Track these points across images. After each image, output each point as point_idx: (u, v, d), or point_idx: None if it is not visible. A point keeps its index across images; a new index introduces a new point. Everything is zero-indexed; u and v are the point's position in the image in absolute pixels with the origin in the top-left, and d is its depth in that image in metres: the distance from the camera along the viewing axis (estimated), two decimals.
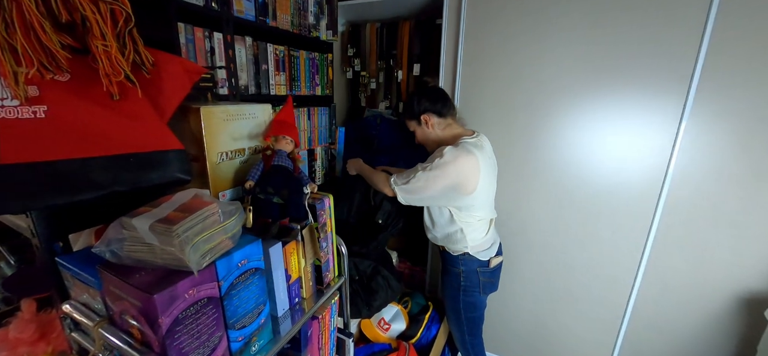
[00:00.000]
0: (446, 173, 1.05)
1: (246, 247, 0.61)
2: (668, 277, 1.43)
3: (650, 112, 1.29)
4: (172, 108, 0.64)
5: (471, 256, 1.23)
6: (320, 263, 0.88)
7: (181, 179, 0.62)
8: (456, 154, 1.06)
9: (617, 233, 1.46)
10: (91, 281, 0.57)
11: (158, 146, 0.59)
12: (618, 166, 1.39)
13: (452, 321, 1.43)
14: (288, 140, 0.83)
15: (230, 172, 0.78)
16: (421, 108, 1.20)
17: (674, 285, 1.43)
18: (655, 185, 1.35)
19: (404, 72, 2.15)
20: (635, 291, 1.49)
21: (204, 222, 0.52)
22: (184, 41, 1.11)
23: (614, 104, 1.33)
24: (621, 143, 1.36)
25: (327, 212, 0.86)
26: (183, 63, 0.64)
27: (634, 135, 1.34)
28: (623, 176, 1.39)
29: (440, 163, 1.05)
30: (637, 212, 1.40)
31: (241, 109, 0.77)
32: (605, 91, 1.33)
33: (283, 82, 1.55)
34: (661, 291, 1.46)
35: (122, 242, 0.52)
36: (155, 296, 0.47)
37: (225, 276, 0.58)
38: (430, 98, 1.20)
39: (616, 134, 1.36)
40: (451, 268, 1.29)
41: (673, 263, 1.41)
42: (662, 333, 1.51)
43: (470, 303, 1.32)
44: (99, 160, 0.53)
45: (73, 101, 0.52)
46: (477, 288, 1.28)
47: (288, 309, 0.82)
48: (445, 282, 1.35)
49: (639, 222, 1.41)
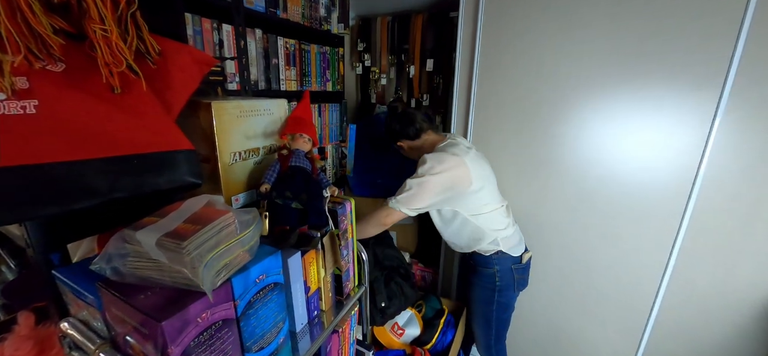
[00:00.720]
0: (435, 175, 1.10)
1: (264, 260, 0.54)
2: (696, 284, 1.35)
3: (681, 108, 1.21)
4: (181, 103, 0.57)
5: (504, 253, 1.22)
6: (340, 272, 0.81)
7: (192, 184, 0.55)
8: (436, 158, 1.12)
9: (642, 237, 1.38)
10: (91, 299, 0.50)
11: (165, 146, 0.52)
12: (644, 165, 1.31)
13: (481, 324, 1.38)
14: (306, 139, 0.76)
15: (244, 174, 0.71)
16: (394, 137, 1.30)
17: (702, 293, 1.35)
18: (685, 187, 1.27)
19: (416, 67, 2.07)
20: (660, 297, 1.42)
21: (218, 235, 0.45)
22: (192, 33, 1.04)
23: (641, 99, 1.25)
24: (648, 142, 1.28)
25: (348, 218, 0.78)
26: (193, 53, 0.57)
27: (662, 133, 1.25)
28: (650, 176, 1.31)
29: (425, 168, 1.11)
30: (664, 215, 1.32)
31: (254, 104, 0.70)
32: (631, 85, 1.25)
33: (294, 78, 1.48)
34: (687, 298, 1.38)
35: (125, 257, 0.45)
36: (163, 323, 0.40)
37: (242, 294, 0.51)
38: (400, 125, 1.27)
39: (643, 131, 1.28)
40: (484, 269, 1.26)
41: (702, 270, 1.33)
42: (687, 342, 1.43)
43: (504, 303, 1.30)
44: (97, 162, 0.46)
45: (67, 94, 0.45)
46: (512, 286, 1.27)
47: (306, 323, 0.75)
48: (476, 284, 1.31)
49: (666, 226, 1.33)
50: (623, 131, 1.31)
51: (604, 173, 1.38)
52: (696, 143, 1.21)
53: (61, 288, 0.56)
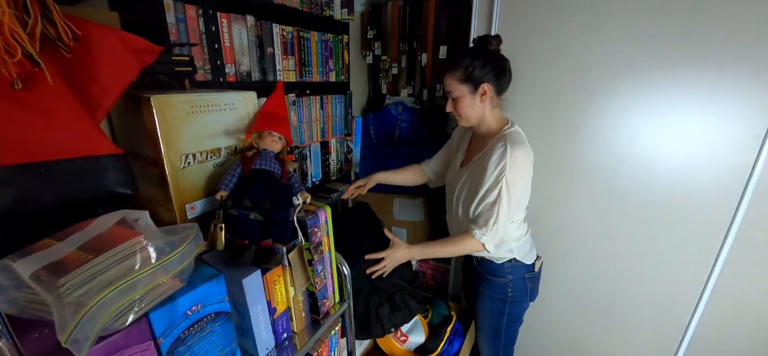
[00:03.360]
0: (520, 176, 0.92)
1: (199, 288, 0.46)
2: (742, 300, 1.16)
3: (735, 96, 0.99)
4: (111, 99, 0.48)
5: (518, 262, 1.10)
6: (315, 289, 0.71)
7: (120, 194, 0.47)
8: (523, 152, 0.93)
9: (680, 246, 1.20)
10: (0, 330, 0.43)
11: (83, 151, 0.44)
12: (685, 164, 1.11)
13: (488, 337, 1.26)
14: (276, 138, 0.66)
15: (201, 178, 0.62)
16: (484, 75, 0.95)
17: (749, 310, 1.16)
18: (735, 189, 1.07)
19: (429, 55, 1.92)
20: (698, 314, 1.24)
21: (117, 268, 0.36)
22: (174, 21, 0.96)
23: (685, 85, 1.04)
24: (691, 136, 1.08)
25: (322, 229, 0.68)
26: (125, 39, 0.48)
27: (709, 125, 1.05)
28: (692, 176, 1.12)
29: (515, 168, 0.90)
30: (708, 222, 1.13)
31: (212, 98, 0.61)
32: (673, 70, 1.04)
33: (292, 68, 1.38)
34: (731, 315, 1.19)
35: (20, 289, 0.37)
36: None
37: (166, 331, 0.43)
38: (498, 67, 0.96)
39: (685, 123, 1.07)
40: (495, 279, 1.13)
41: (751, 285, 1.13)
42: (734, 348, 1.24)
43: (515, 315, 1.19)
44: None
45: None
46: (524, 296, 1.16)
47: (274, 347, 0.66)
48: (485, 294, 1.18)
49: (710, 234, 1.14)
50: (660, 124, 1.11)
51: (637, 174, 1.20)
52: (752, 137, 1.01)
53: None
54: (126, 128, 0.60)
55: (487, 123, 1.03)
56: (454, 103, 1.01)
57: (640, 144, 1.16)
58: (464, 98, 0.98)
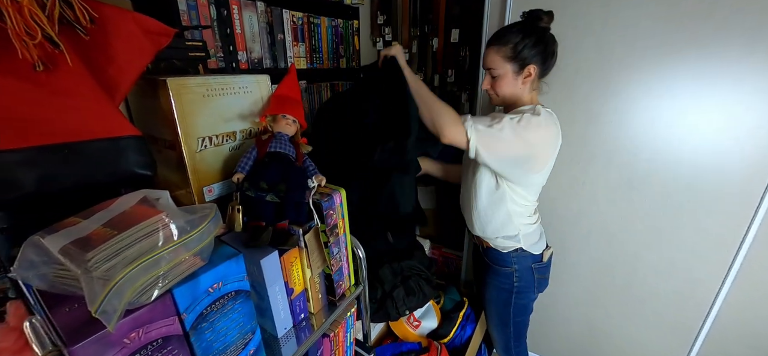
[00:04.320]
0: (535, 134, 0.87)
1: (220, 267, 0.46)
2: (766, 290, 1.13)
3: (761, 77, 0.94)
4: (129, 81, 0.49)
5: (525, 251, 1.06)
6: (331, 271, 0.72)
7: (140, 175, 0.48)
8: (549, 118, 0.90)
9: (703, 230, 1.17)
10: (33, 305, 0.45)
11: (103, 133, 0.44)
12: (710, 147, 1.07)
13: (497, 326, 1.25)
14: (290, 121, 0.66)
15: (218, 161, 0.63)
16: (532, 56, 0.88)
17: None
18: (762, 171, 1.02)
19: (440, 39, 1.88)
20: (721, 298, 1.21)
21: (142, 244, 0.37)
22: (185, 8, 0.97)
23: (710, 63, 0.99)
24: (716, 118, 1.03)
25: (337, 211, 0.68)
26: (140, 20, 0.48)
27: (735, 105, 1.00)
28: (717, 160, 1.07)
29: (534, 121, 0.86)
30: (733, 208, 1.09)
31: (227, 81, 0.61)
32: (697, 47, 0.99)
33: (303, 54, 1.37)
34: (757, 300, 1.16)
35: (49, 265, 0.38)
36: (72, 348, 0.34)
37: (189, 307, 0.44)
38: (547, 49, 0.89)
39: (709, 105, 1.03)
40: (501, 268, 1.10)
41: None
42: (752, 348, 1.22)
43: (522, 305, 1.16)
44: (19, 153, 0.40)
45: None
46: (532, 287, 1.12)
47: (292, 327, 0.67)
48: (492, 284, 1.16)
49: (734, 220, 1.10)
50: (684, 106, 1.06)
51: (661, 156, 1.15)
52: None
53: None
54: (143, 111, 0.60)
55: (519, 103, 0.95)
56: (492, 80, 0.93)
57: (663, 127, 1.12)
58: (506, 77, 0.90)
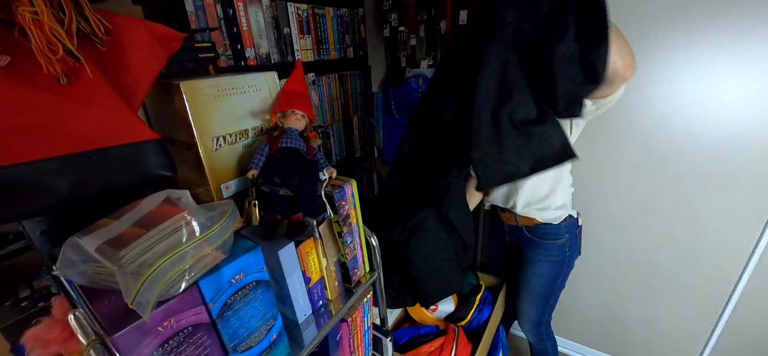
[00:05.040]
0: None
1: (240, 259, 0.49)
2: None
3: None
4: (145, 88, 0.51)
5: (572, 218, 1.09)
6: (346, 260, 0.74)
7: (162, 176, 0.51)
8: None
9: (728, 210, 1.13)
10: (75, 299, 0.49)
11: (126, 138, 0.47)
12: (735, 122, 1.01)
13: (537, 302, 1.24)
14: (299, 116, 0.67)
15: (233, 159, 0.65)
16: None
17: None
18: None
19: (448, 21, 1.84)
20: (744, 279, 1.17)
21: (168, 241, 0.39)
22: (192, 9, 0.99)
23: (737, 31, 0.93)
24: (742, 92, 0.97)
25: (349, 202, 0.70)
26: (151, 28, 0.50)
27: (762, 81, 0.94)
28: (743, 136, 1.02)
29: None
30: (758, 186, 1.04)
31: (236, 81, 0.63)
32: (723, 12, 0.93)
33: (310, 47, 1.38)
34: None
35: (88, 262, 0.42)
36: (114, 336, 0.37)
37: (215, 297, 0.47)
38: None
39: (736, 78, 0.97)
40: (553, 242, 1.10)
41: None
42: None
43: (567, 273, 1.18)
44: (52, 162, 0.43)
45: (11, 89, 0.41)
46: (577, 250, 1.16)
47: (311, 313, 0.71)
48: (541, 260, 1.15)
49: (762, 196, 1.06)
50: (709, 78, 1.01)
51: (683, 134, 1.11)
52: None
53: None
54: (160, 115, 0.63)
55: None
56: None
57: (688, 100, 1.07)
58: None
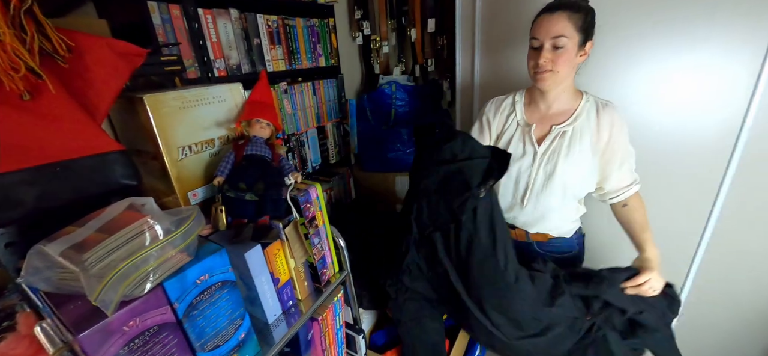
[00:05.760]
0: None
1: (205, 261, 0.52)
2: (741, 248, 1.20)
3: (727, 43, 0.99)
4: (108, 102, 0.54)
5: (581, 228, 1.04)
6: (314, 260, 0.78)
7: (127, 185, 0.53)
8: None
9: (674, 199, 1.22)
10: (40, 307, 0.51)
11: (89, 150, 0.50)
12: (679, 117, 1.11)
13: None
14: (263, 124, 0.71)
15: (199, 168, 0.68)
16: (592, 31, 0.82)
17: (748, 257, 1.20)
18: (729, 137, 1.07)
19: (418, 30, 1.92)
20: (696, 263, 1.27)
21: (131, 244, 0.42)
22: (160, 22, 1.00)
23: (676, 35, 1.03)
24: (684, 88, 1.08)
25: (314, 205, 0.74)
26: (113, 45, 0.53)
27: (702, 74, 1.04)
28: (685, 128, 1.12)
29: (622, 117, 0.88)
30: (703, 173, 1.14)
31: (201, 93, 0.66)
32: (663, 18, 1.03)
33: (281, 57, 1.42)
34: (731, 263, 1.23)
35: (52, 269, 0.44)
36: (80, 337, 0.39)
37: (180, 297, 0.49)
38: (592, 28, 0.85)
39: (677, 75, 1.07)
40: (566, 254, 1.01)
41: (748, 232, 1.16)
42: (730, 308, 1.30)
43: None
44: (16, 175, 0.45)
45: None
46: (583, 257, 1.08)
47: (281, 313, 0.74)
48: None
49: (705, 184, 1.16)
50: (652, 78, 1.11)
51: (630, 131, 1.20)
52: (744, 84, 1.01)
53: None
54: (127, 127, 0.65)
55: (566, 86, 0.87)
56: (555, 53, 0.80)
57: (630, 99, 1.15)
58: (571, 51, 0.79)
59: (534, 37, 0.82)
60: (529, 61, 0.85)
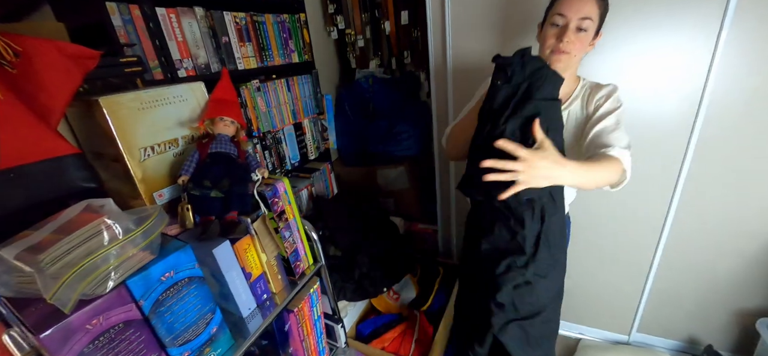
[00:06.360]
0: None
1: (168, 258, 0.53)
2: (705, 217, 1.27)
3: (684, 25, 1.04)
4: (61, 105, 0.54)
5: (567, 213, 1.06)
6: (286, 254, 0.79)
7: (86, 188, 0.53)
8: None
9: (644, 172, 1.27)
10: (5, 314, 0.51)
11: (44, 154, 0.50)
12: (644, 95, 1.17)
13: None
14: (227, 122, 0.72)
15: (164, 168, 0.68)
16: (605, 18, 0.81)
17: (712, 225, 1.28)
18: (689, 114, 1.14)
19: (392, 22, 1.93)
20: (665, 233, 1.34)
21: (89, 244, 0.43)
22: (121, 23, 0.98)
23: (640, 19, 1.08)
24: (648, 69, 1.13)
25: (283, 199, 0.75)
26: (63, 48, 0.53)
27: (663, 56, 1.10)
28: (650, 107, 1.18)
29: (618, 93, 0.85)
30: (668, 147, 1.21)
31: (160, 93, 0.66)
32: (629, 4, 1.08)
33: (252, 54, 1.40)
34: (696, 230, 1.31)
35: (10, 273, 0.44)
36: (41, 336, 0.40)
37: (145, 294, 0.50)
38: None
39: (642, 57, 1.12)
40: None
41: (711, 201, 1.24)
42: (697, 273, 1.38)
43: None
44: None
45: None
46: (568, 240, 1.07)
47: (256, 307, 0.75)
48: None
49: (670, 158, 1.22)
50: (620, 59, 1.15)
51: None
52: (701, 62, 1.07)
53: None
54: (86, 130, 0.65)
55: (572, 71, 0.85)
56: (577, 36, 0.77)
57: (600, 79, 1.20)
58: (590, 36, 0.77)
59: (561, 13, 0.76)
60: (548, 39, 0.79)
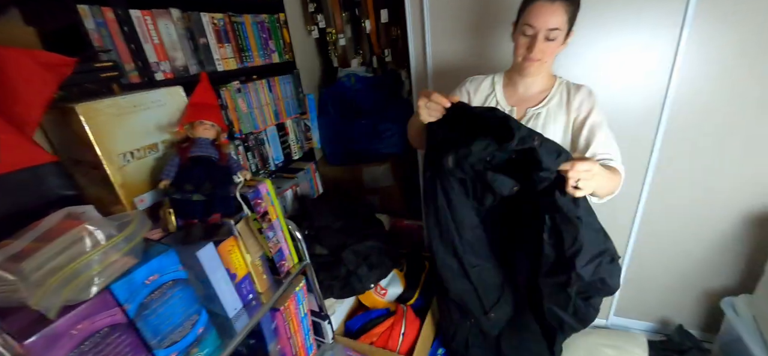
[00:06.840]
0: None
1: (152, 261, 0.54)
2: (673, 208, 1.34)
3: (646, 23, 1.10)
4: (37, 114, 0.54)
5: None
6: (270, 254, 0.81)
7: (65, 196, 0.53)
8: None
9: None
10: None
11: (20, 164, 0.50)
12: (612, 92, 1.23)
13: None
14: (207, 126, 0.72)
15: (144, 173, 0.69)
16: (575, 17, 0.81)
17: (680, 215, 1.35)
18: (655, 110, 1.20)
19: (372, 21, 1.95)
20: (636, 225, 1.40)
21: (70, 251, 0.43)
22: (94, 27, 0.96)
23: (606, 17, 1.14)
24: (615, 66, 1.19)
25: (265, 200, 0.77)
26: (36, 56, 0.53)
27: (629, 54, 1.16)
28: (618, 104, 1.24)
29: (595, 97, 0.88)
30: (636, 143, 1.26)
31: (137, 98, 0.66)
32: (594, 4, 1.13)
33: (231, 55, 1.39)
34: (665, 222, 1.38)
35: None
36: (26, 343, 0.41)
37: (129, 298, 0.51)
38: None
39: (609, 55, 1.18)
40: None
41: (678, 193, 1.31)
42: (667, 264, 1.45)
43: None
44: None
45: None
46: None
47: (242, 307, 0.76)
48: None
49: (638, 154, 1.28)
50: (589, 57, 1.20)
51: None
52: (665, 59, 1.13)
53: None
54: (63, 138, 0.65)
55: (545, 70, 0.88)
56: (547, 44, 0.79)
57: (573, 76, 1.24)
58: (560, 41, 0.80)
59: (529, 24, 0.78)
60: (519, 47, 0.82)
